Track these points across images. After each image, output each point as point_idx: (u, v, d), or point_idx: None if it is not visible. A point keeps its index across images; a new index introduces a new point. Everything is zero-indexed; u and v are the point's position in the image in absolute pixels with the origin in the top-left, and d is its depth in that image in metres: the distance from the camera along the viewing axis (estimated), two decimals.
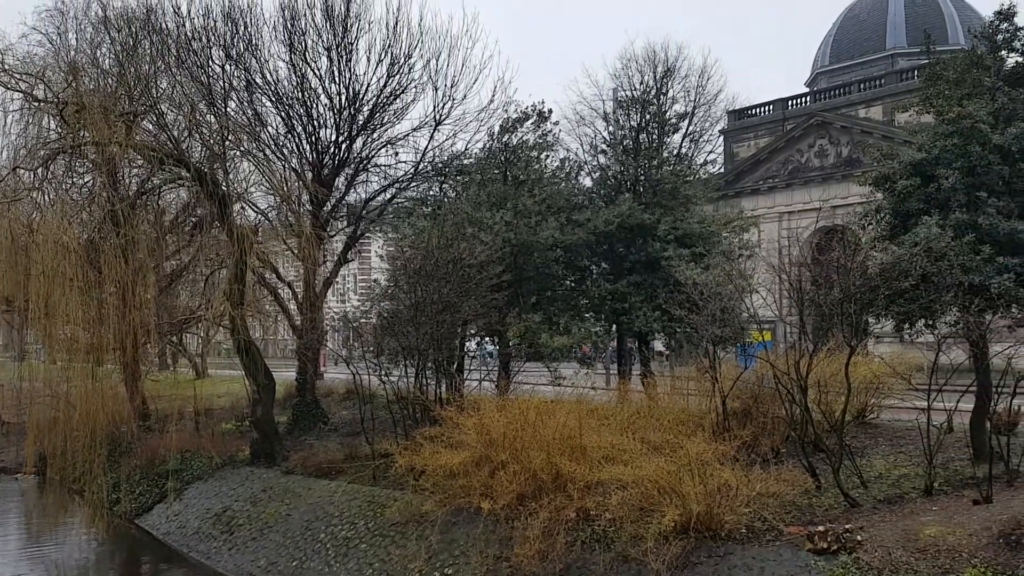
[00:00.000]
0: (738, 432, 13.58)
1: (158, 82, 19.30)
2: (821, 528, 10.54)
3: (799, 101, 48.75)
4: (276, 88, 22.17)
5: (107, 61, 19.70)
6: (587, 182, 23.75)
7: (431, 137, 23.10)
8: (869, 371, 15.87)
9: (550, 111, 22.78)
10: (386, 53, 22.03)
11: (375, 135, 23.32)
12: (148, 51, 19.63)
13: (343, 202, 24.91)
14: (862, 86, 45.60)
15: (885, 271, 12.55)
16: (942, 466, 12.72)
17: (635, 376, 21.69)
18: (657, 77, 23.84)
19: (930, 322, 13.31)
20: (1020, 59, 14.26)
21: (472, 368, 20.95)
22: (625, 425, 14.37)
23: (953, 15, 48.14)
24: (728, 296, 15.16)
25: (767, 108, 49.89)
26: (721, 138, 51.21)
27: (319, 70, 22.02)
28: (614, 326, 22.12)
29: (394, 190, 24.32)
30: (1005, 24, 14.31)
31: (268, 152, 21.87)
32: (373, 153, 23.71)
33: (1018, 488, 11.54)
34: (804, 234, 39.82)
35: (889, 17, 50.04)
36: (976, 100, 13.66)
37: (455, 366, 19.65)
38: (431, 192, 24.46)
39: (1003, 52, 14.39)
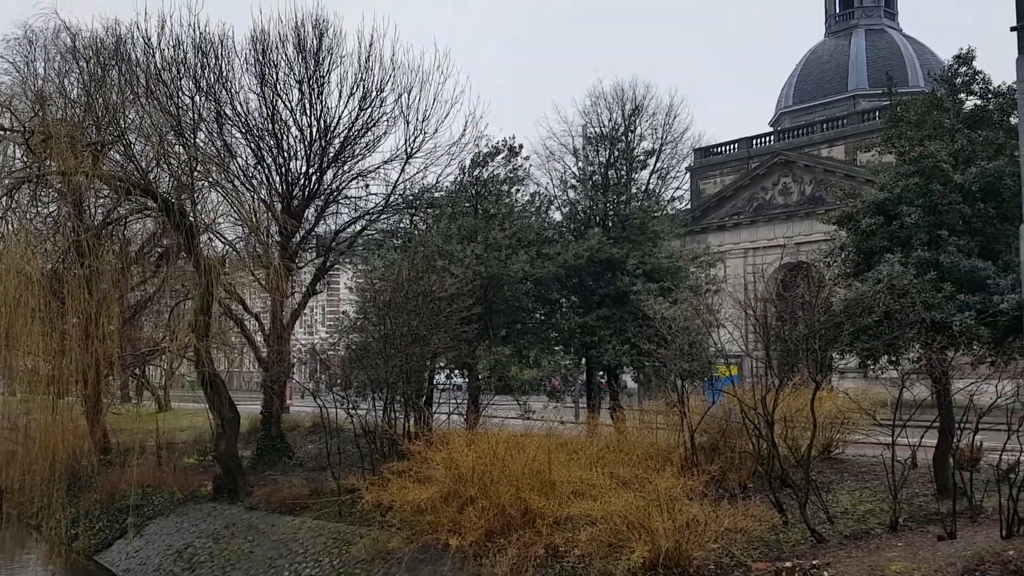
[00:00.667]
0: (706, 467, 13.64)
1: (126, 112, 19.18)
2: (788, 564, 10.58)
3: (763, 140, 49.81)
4: (246, 119, 22.16)
5: (75, 90, 19.55)
6: (557, 216, 23.98)
7: (402, 170, 23.21)
8: (834, 406, 16.06)
9: (520, 146, 23.05)
10: (358, 87, 22.17)
11: (346, 167, 23.36)
12: (117, 81, 19.53)
13: (312, 233, 24.83)
14: (825, 126, 46.74)
15: (849, 307, 12.77)
16: (907, 501, 12.86)
17: (604, 409, 21.74)
18: (625, 115, 24.24)
19: (894, 358, 13.55)
20: (979, 102, 14.75)
21: (441, 401, 20.82)
22: (594, 459, 14.36)
23: (913, 58, 49.66)
24: (696, 330, 15.31)
25: (732, 146, 50.88)
26: (688, 175, 52.10)
27: (290, 102, 22.08)
28: (583, 359, 22.20)
29: (364, 222, 24.30)
30: (964, 68, 14.81)
31: (237, 183, 21.79)
32: (344, 185, 23.74)
33: (981, 524, 11.67)
34: (769, 270, 40.40)
35: (851, 60, 51.49)
36: (937, 141, 14.07)
37: (424, 399, 19.53)
38: (402, 224, 24.49)
39: (962, 95, 14.88)
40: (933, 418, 13.35)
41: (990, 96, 14.60)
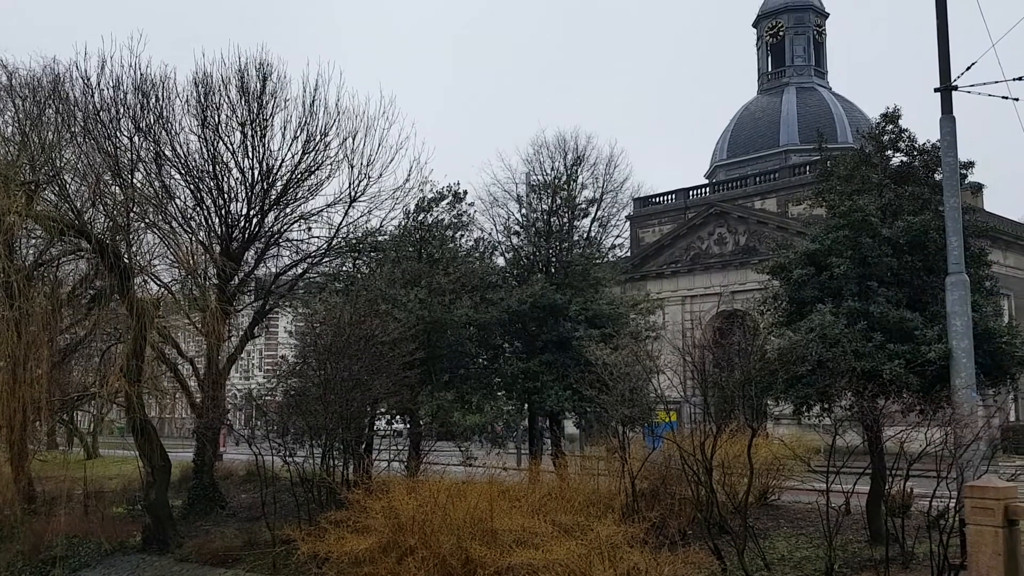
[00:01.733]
0: (647, 513, 13.69)
1: (62, 151, 18.76)
2: None
3: (699, 192, 51.26)
4: (186, 161, 21.86)
5: (9, 128, 19.07)
6: (501, 262, 24.14)
7: (346, 213, 23.13)
8: (770, 453, 16.36)
9: (465, 192, 23.23)
10: (302, 130, 22.14)
11: (288, 210, 23.17)
12: (53, 120, 19.11)
13: (252, 276, 24.47)
14: (757, 179, 48.35)
15: (783, 356, 13.11)
16: (841, 548, 13.10)
17: (546, 456, 21.70)
18: (567, 164, 24.74)
19: (826, 406, 13.91)
20: (905, 158, 15.48)
21: (381, 448, 20.51)
22: (536, 507, 14.28)
23: (842, 115, 51.88)
24: (636, 376, 15.49)
25: (670, 197, 52.19)
26: (628, 223, 53.18)
27: (232, 144, 21.88)
28: (526, 405, 22.20)
29: (306, 265, 24.09)
30: (891, 126, 15.56)
31: (175, 224, 21.41)
32: (285, 228, 23.52)
33: (913, 570, 11.95)
34: (706, 317, 41.21)
35: (782, 116, 53.54)
36: (865, 195, 14.69)
37: (364, 446, 19.23)
38: (344, 268, 24.33)
39: (889, 152, 15.60)
40: (865, 465, 13.71)
41: (916, 153, 15.35)
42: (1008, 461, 18.65)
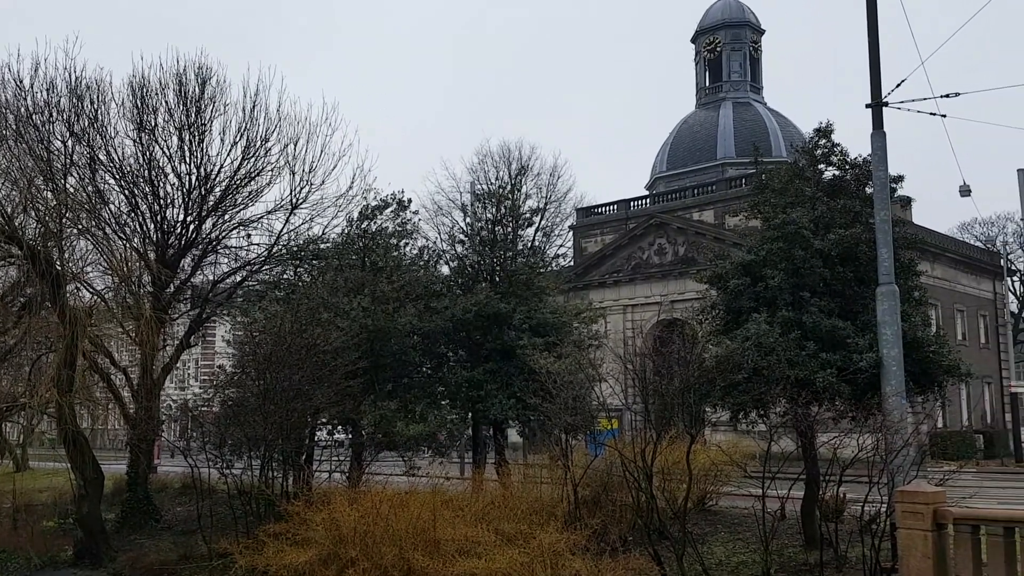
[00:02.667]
0: (589, 520, 13.80)
1: None
2: None
3: (640, 203, 52.05)
4: (121, 165, 21.29)
5: None
6: (445, 270, 24.10)
7: (287, 220, 22.80)
8: (708, 459, 16.64)
9: (409, 200, 23.15)
10: (241, 136, 21.77)
11: (227, 216, 22.72)
12: None
13: (188, 284, 23.93)
14: (696, 191, 49.32)
15: (720, 364, 13.40)
16: (777, 552, 13.38)
17: (490, 464, 21.70)
18: (512, 173, 24.96)
19: (762, 412, 14.25)
20: (837, 172, 15.97)
21: (323, 459, 20.22)
22: (480, 515, 14.25)
23: (776, 130, 53.25)
24: (579, 384, 15.62)
25: (612, 207, 52.87)
26: (571, 233, 53.71)
27: (169, 149, 21.41)
28: (470, 414, 22.17)
29: (245, 273, 23.64)
30: (823, 140, 16.05)
31: (108, 230, 20.81)
32: (223, 234, 23.06)
33: (847, 574, 12.27)
34: (647, 326, 41.81)
35: (719, 130, 54.73)
36: (799, 208, 15.11)
37: (304, 457, 18.93)
38: (285, 276, 23.97)
39: (822, 165, 16.09)
40: (800, 470, 14.05)
41: (847, 167, 15.86)
42: (937, 466, 19.29)
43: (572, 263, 51.35)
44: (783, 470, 13.06)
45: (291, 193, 22.53)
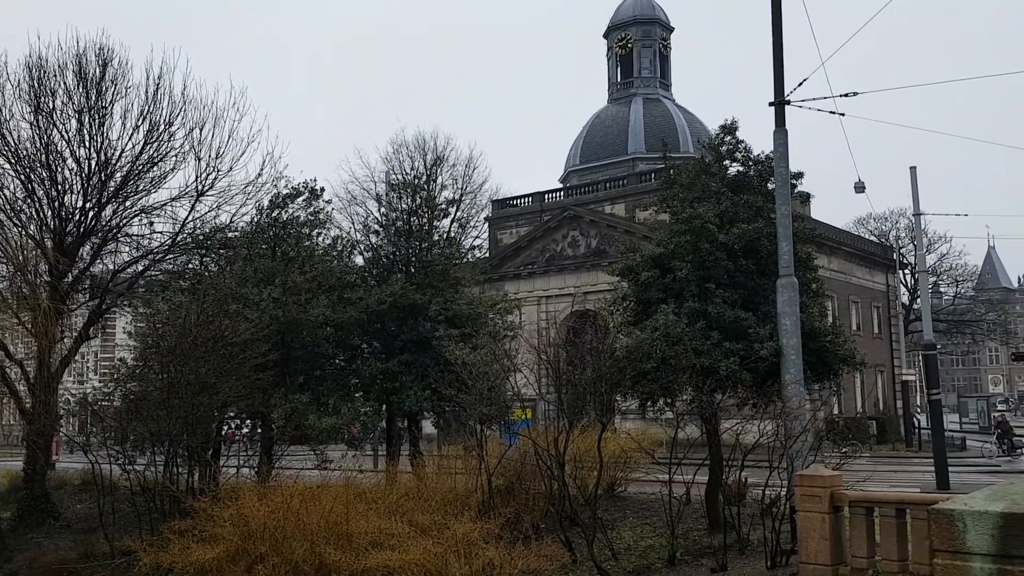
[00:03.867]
0: (502, 509, 13.95)
1: None
2: None
3: (554, 195, 52.51)
4: (16, 149, 20.25)
5: None
6: (360, 261, 23.82)
7: (192, 208, 22.06)
8: (618, 446, 17.03)
9: (322, 189, 22.75)
10: (144, 119, 20.94)
11: (128, 203, 21.85)
12: None
13: (88, 273, 22.93)
14: (608, 185, 50.07)
15: (630, 353, 13.74)
16: (683, 536, 13.83)
17: (404, 456, 21.62)
18: (427, 164, 24.85)
19: (669, 400, 14.68)
20: (741, 168, 16.52)
21: (231, 454, 19.75)
22: (393, 508, 14.23)
23: (684, 126, 54.51)
24: (494, 375, 15.75)
25: (527, 200, 53.20)
26: (486, 225, 53.83)
27: (67, 133, 20.46)
28: (384, 406, 22.02)
29: (148, 262, 22.78)
30: (728, 137, 16.56)
31: (3, 217, 19.82)
32: (125, 222, 22.16)
33: (749, 556, 12.76)
34: (560, 317, 42.25)
35: (630, 125, 55.69)
36: (705, 203, 15.59)
37: (211, 452, 18.47)
38: (190, 265, 23.22)
39: (727, 161, 16.61)
40: (704, 456, 14.54)
41: (751, 163, 16.44)
42: (833, 451, 20.22)
43: (488, 254, 51.50)
44: (689, 456, 13.50)
45: (197, 179, 21.82)
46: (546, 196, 52.56)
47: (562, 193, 52.61)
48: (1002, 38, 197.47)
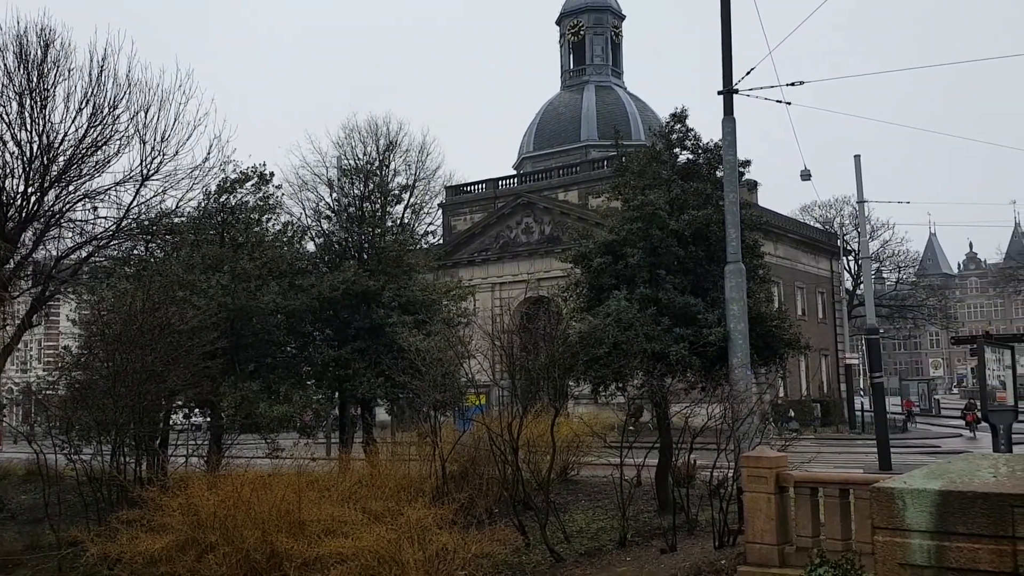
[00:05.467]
0: (456, 495, 14.00)
1: None
2: None
3: (508, 182, 52.55)
4: None
5: None
6: (311, 247, 23.58)
7: (137, 192, 21.55)
8: (571, 431, 17.21)
9: (271, 174, 22.40)
10: (87, 102, 20.38)
11: (71, 188, 21.27)
12: None
13: (30, 260, 22.30)
14: (561, 172, 50.27)
15: (583, 339, 13.88)
16: (634, 518, 14.06)
17: (357, 443, 21.54)
18: (380, 149, 24.65)
19: (621, 385, 14.87)
20: (691, 156, 16.75)
21: (179, 443, 19.46)
22: (346, 495, 14.18)
23: (636, 114, 54.93)
24: (448, 362, 15.77)
25: (481, 186, 53.14)
26: (440, 211, 53.64)
27: (8, 115, 19.84)
28: (337, 393, 21.89)
29: (92, 248, 22.24)
30: (679, 126, 16.76)
31: None
32: (68, 207, 21.57)
33: (697, 536, 13.04)
34: (514, 303, 42.46)
35: (583, 112, 55.94)
36: (656, 190, 15.78)
37: (159, 441, 18.19)
38: (136, 251, 22.72)
39: (677, 149, 16.82)
40: (655, 439, 14.78)
41: (700, 151, 16.67)
42: (780, 436, 20.67)
43: (442, 241, 51.35)
44: (640, 439, 13.72)
45: (142, 163, 21.32)
46: (500, 183, 52.57)
47: (516, 180, 52.67)
48: (947, 28, 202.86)
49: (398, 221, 24.66)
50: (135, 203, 21.60)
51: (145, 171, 21.36)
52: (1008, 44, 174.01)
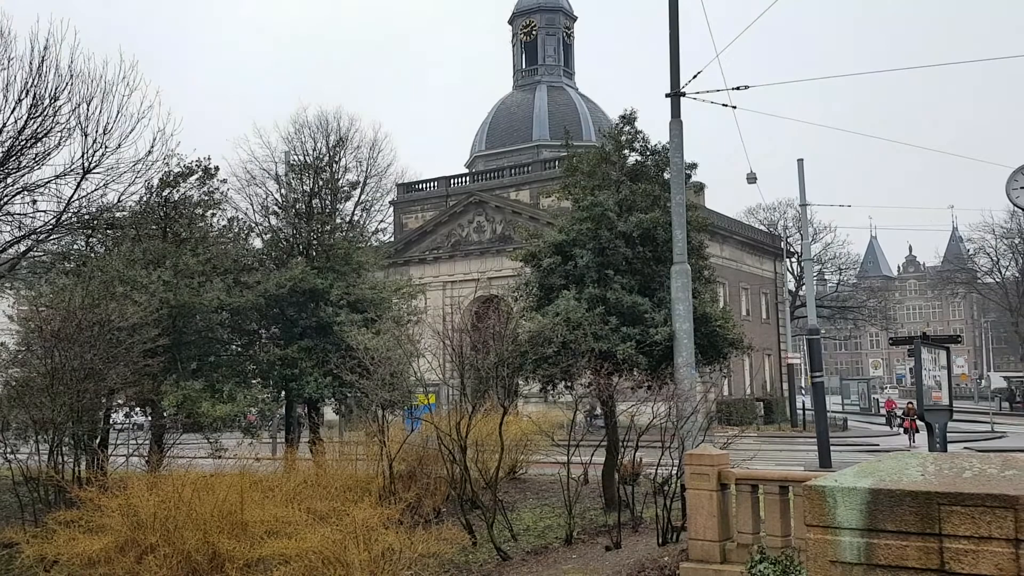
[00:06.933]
0: (404, 494, 13.96)
1: None
2: None
3: (460, 180, 52.42)
4: None
5: None
6: (258, 243, 23.19)
7: (78, 185, 20.97)
8: (520, 429, 17.28)
9: (217, 168, 21.96)
10: (27, 93, 19.76)
11: (9, 180, 20.62)
12: None
13: None
14: (513, 171, 50.36)
15: (533, 338, 13.95)
16: (580, 515, 14.18)
17: (305, 444, 21.30)
18: (330, 145, 24.31)
19: (569, 384, 14.98)
20: (639, 158, 16.92)
21: (119, 443, 19.01)
22: (291, 496, 14.03)
23: (587, 114, 55.30)
24: (397, 361, 15.69)
25: (433, 184, 52.92)
26: (391, 208, 53.26)
27: None
28: (283, 392, 21.60)
29: (30, 242, 21.58)
30: (627, 127, 16.93)
31: None
32: (6, 200, 20.90)
33: (642, 533, 13.20)
34: (465, 302, 42.43)
35: (535, 112, 56.13)
36: (605, 191, 15.93)
37: (98, 441, 17.75)
38: (76, 246, 22.14)
39: (626, 151, 16.98)
40: (601, 438, 14.92)
41: (649, 153, 16.86)
42: (722, 431, 21.07)
43: (393, 239, 51.00)
44: (587, 438, 13.83)
45: (83, 156, 20.74)
46: (452, 181, 52.42)
47: (468, 178, 52.58)
48: (892, 36, 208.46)
49: (348, 218, 24.42)
50: (76, 197, 21.04)
51: (86, 164, 20.82)
52: (951, 51, 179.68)
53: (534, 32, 59.57)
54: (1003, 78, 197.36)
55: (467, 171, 55.35)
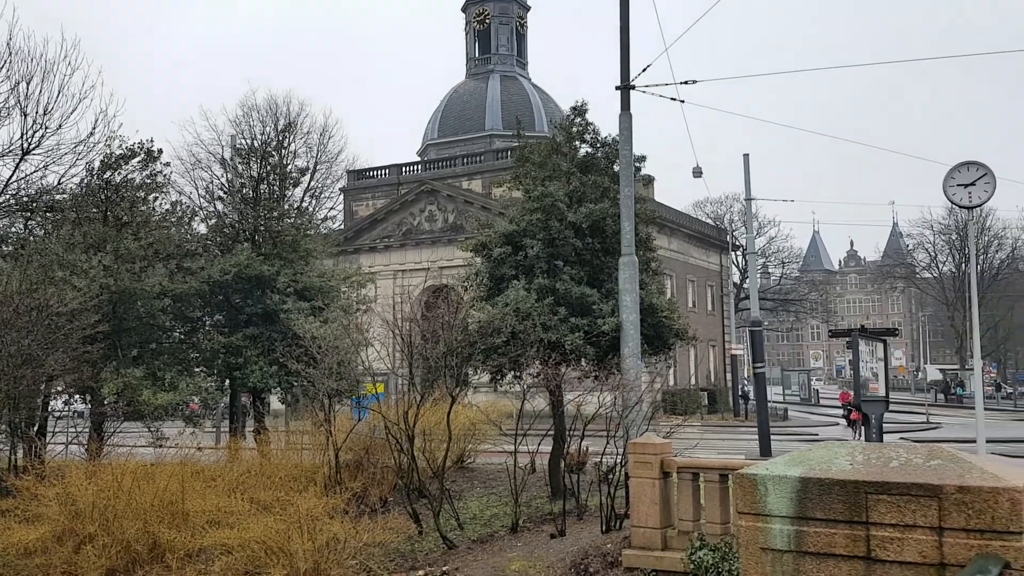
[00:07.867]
0: (350, 484, 13.90)
1: None
2: (421, 572, 11.25)
3: (412, 168, 52.00)
4: None
5: None
6: (202, 228, 22.79)
7: (16, 167, 20.36)
8: (468, 419, 17.32)
9: (160, 150, 21.48)
10: None
11: None
12: None
13: None
14: (465, 160, 50.15)
15: (482, 328, 13.99)
16: (526, 504, 14.29)
17: (250, 433, 21.04)
18: (278, 129, 23.98)
19: (518, 374, 15.07)
20: (590, 149, 17.02)
21: (58, 430, 18.55)
22: (234, 485, 13.88)
23: (539, 105, 55.38)
24: (345, 349, 15.58)
25: (384, 172, 52.39)
26: (342, 196, 52.63)
27: None
28: (228, 381, 21.28)
29: None
30: (579, 119, 17.00)
31: None
32: None
33: (587, 521, 13.35)
34: (415, 292, 42.21)
35: (488, 101, 55.97)
36: (555, 182, 16.00)
37: (36, 428, 17.30)
38: (13, 229, 21.50)
39: (577, 142, 17.06)
40: (549, 427, 15.04)
41: (599, 145, 16.96)
42: (667, 421, 21.38)
43: (343, 226, 50.45)
44: (535, 427, 13.93)
45: (22, 137, 20.13)
46: (404, 169, 52.00)
47: (420, 167, 52.20)
48: (840, 33, 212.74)
49: (296, 204, 24.08)
50: (14, 178, 20.44)
51: (26, 145, 20.22)
52: (898, 50, 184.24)
53: (487, 21, 59.35)
54: (943, 75, 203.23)
55: (419, 159, 54.98)
